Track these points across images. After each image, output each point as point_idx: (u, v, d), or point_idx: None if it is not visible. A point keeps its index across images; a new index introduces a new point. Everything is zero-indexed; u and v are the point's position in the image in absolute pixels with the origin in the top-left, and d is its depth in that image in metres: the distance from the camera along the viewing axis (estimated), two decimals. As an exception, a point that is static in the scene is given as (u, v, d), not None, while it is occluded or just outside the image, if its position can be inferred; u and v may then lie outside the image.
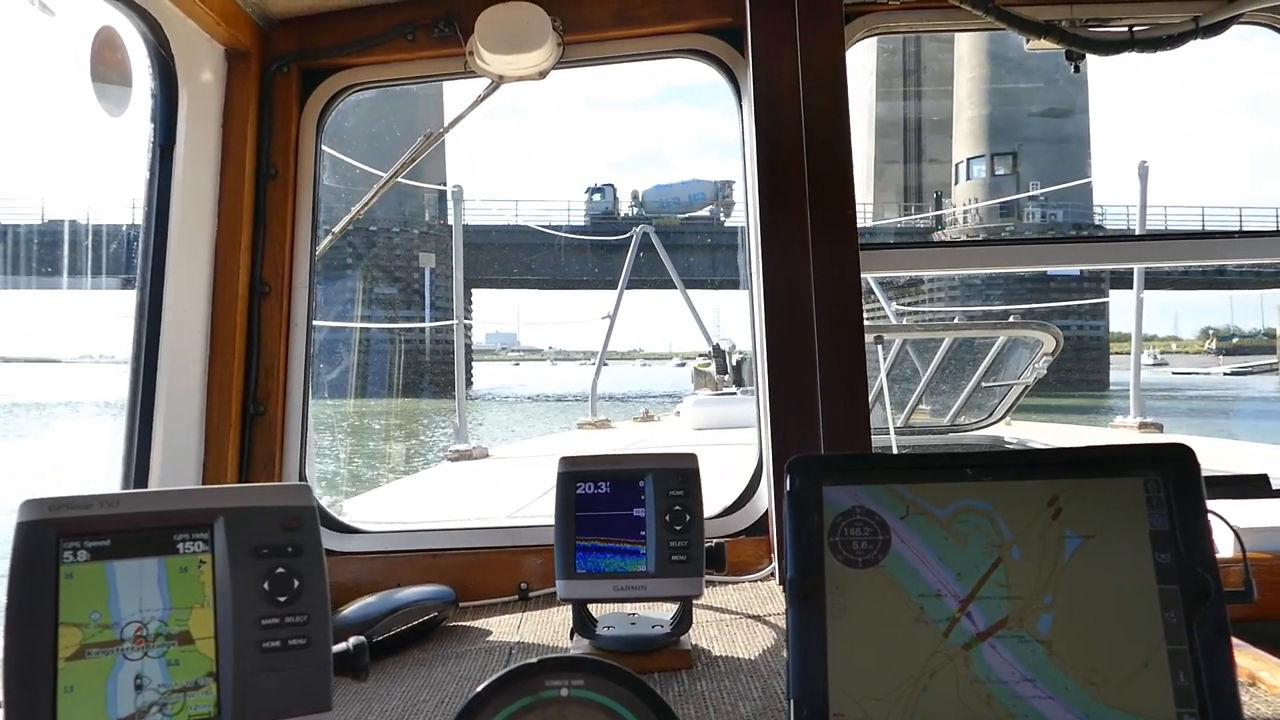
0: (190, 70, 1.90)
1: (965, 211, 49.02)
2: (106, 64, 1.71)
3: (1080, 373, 40.42)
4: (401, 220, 42.13)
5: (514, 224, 46.31)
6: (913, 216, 53.52)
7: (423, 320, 38.32)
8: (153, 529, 0.95)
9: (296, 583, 0.96)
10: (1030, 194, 43.75)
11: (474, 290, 46.04)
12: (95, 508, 0.93)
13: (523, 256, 44.32)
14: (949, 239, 43.41)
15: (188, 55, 1.89)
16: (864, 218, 54.23)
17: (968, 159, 52.81)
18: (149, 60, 1.83)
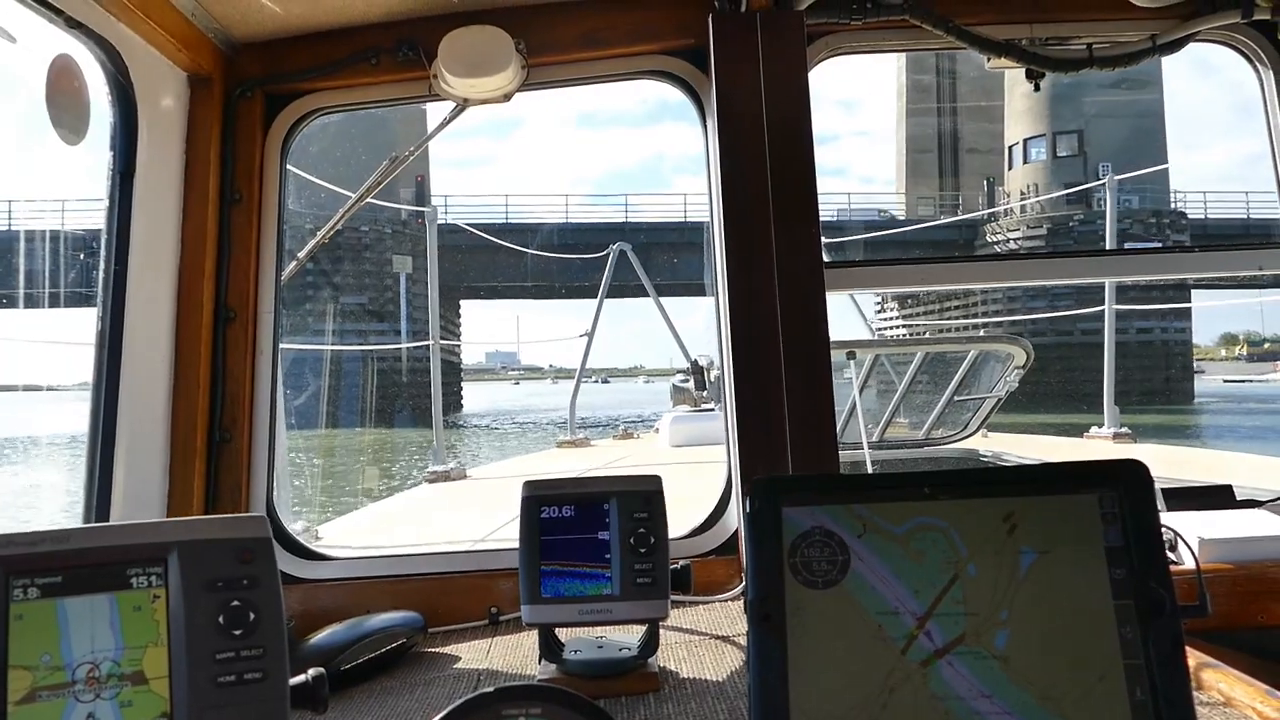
0: (150, 96, 1.89)
1: (1024, 201, 41.84)
2: (63, 91, 1.70)
3: (1162, 382, 35.99)
4: (370, 218, 34.53)
5: (504, 223, 40.52)
6: (963, 215, 45.16)
7: (398, 335, 33.94)
8: (105, 564, 0.94)
9: (252, 615, 0.96)
10: (1099, 180, 36.63)
11: (463, 301, 41.55)
12: (45, 544, 0.92)
13: (515, 260, 38.12)
14: (1000, 236, 38.78)
15: (148, 81, 1.88)
16: (899, 213, 48.54)
17: (1024, 140, 44.98)
18: (107, 87, 1.82)
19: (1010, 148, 46.46)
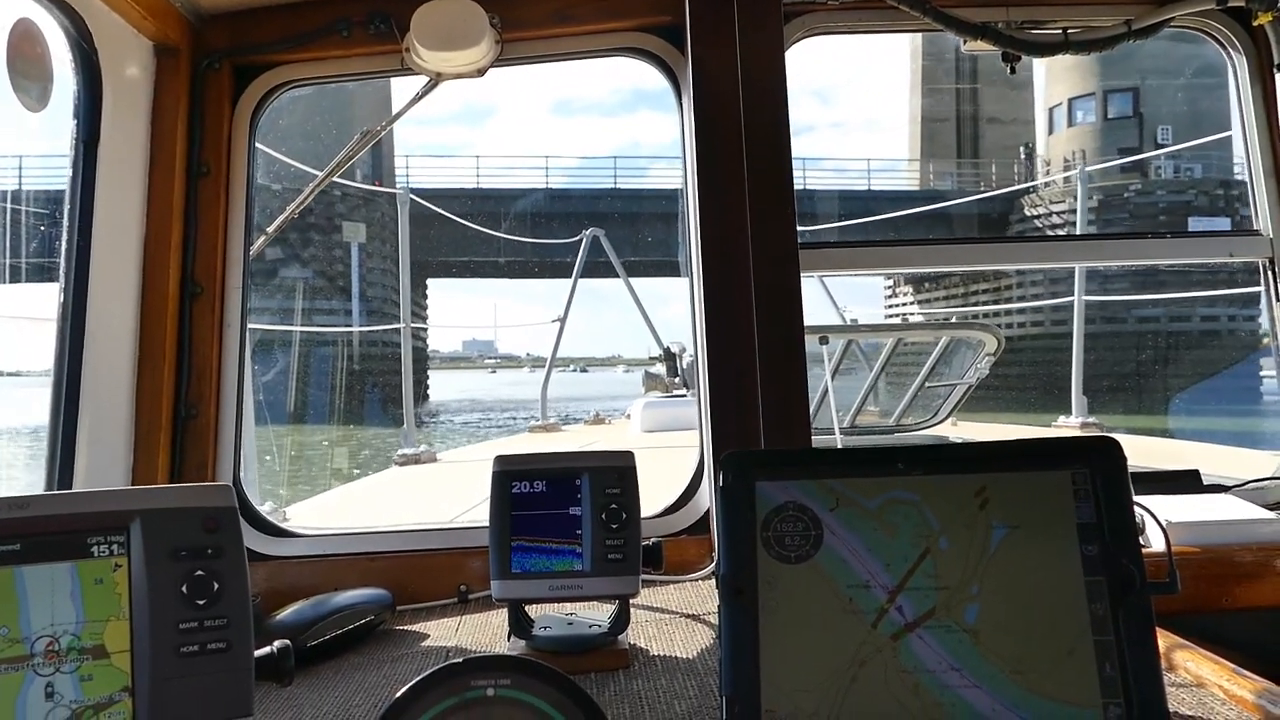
0: (115, 65, 1.86)
1: (1067, 173, 34.13)
2: (25, 57, 1.66)
3: (1227, 376, 30.00)
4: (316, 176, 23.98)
5: (475, 189, 34.66)
6: (999, 190, 35.84)
7: (347, 315, 28.66)
8: (65, 532, 0.92)
9: (216, 585, 0.94)
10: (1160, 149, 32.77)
11: (430, 281, 35.04)
12: (4, 510, 0.90)
13: (490, 228, 28.88)
14: (1042, 209, 33.53)
15: (113, 50, 1.85)
16: (914, 188, 41.95)
17: (1068, 100, 38.60)
18: (71, 54, 1.78)
19: (1051, 109, 40.24)
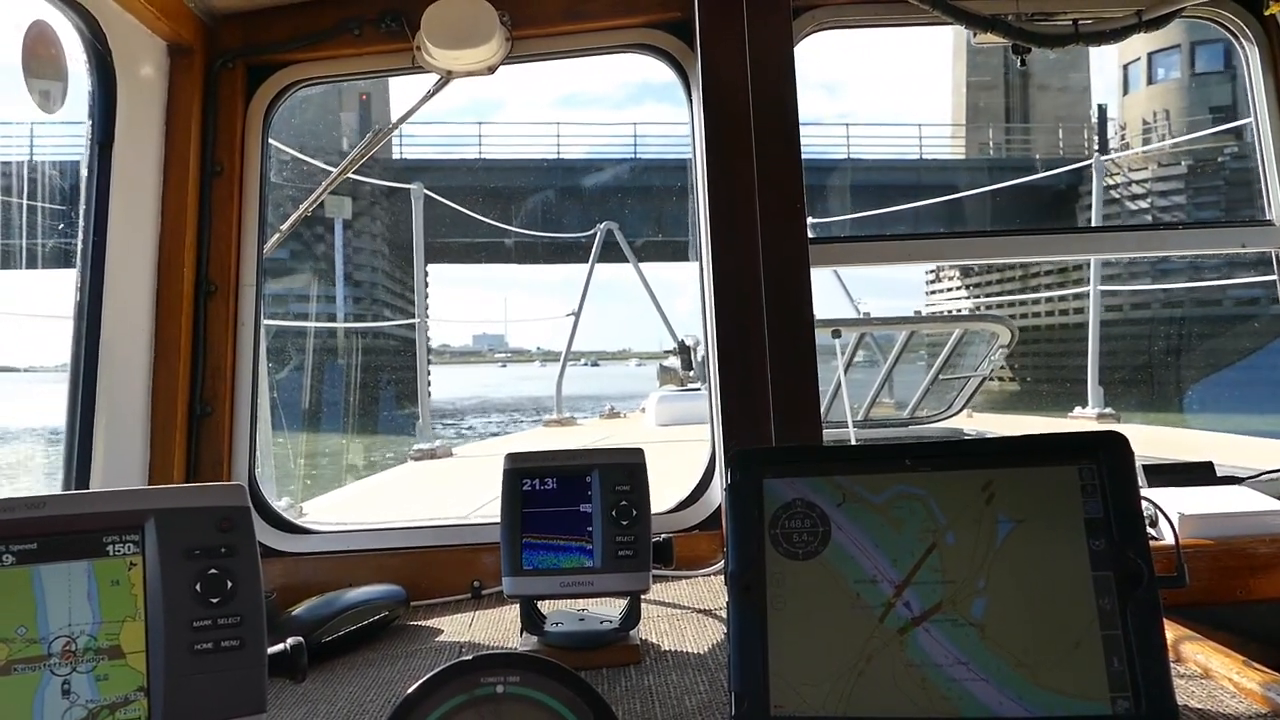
0: (129, 66, 1.87)
1: (1147, 138, 31.30)
2: (40, 59, 1.68)
3: None
4: (298, 144, 14.95)
5: (478, 159, 30.54)
6: (1067, 166, 29.02)
7: (330, 301, 25.08)
8: (81, 531, 0.93)
9: (230, 584, 0.95)
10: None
11: (431, 266, 26.06)
12: (20, 510, 0.91)
13: (496, 206, 26.59)
14: (1120, 179, 29.40)
15: (127, 50, 1.86)
16: (958, 153, 38.69)
17: (1148, 54, 33.10)
18: (85, 55, 1.80)
19: (1126, 66, 34.93)
